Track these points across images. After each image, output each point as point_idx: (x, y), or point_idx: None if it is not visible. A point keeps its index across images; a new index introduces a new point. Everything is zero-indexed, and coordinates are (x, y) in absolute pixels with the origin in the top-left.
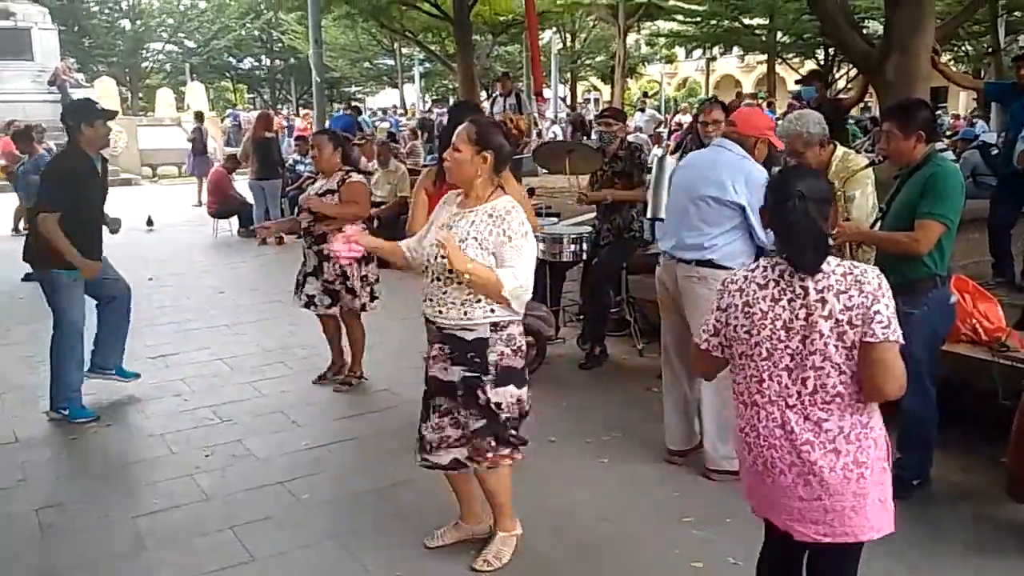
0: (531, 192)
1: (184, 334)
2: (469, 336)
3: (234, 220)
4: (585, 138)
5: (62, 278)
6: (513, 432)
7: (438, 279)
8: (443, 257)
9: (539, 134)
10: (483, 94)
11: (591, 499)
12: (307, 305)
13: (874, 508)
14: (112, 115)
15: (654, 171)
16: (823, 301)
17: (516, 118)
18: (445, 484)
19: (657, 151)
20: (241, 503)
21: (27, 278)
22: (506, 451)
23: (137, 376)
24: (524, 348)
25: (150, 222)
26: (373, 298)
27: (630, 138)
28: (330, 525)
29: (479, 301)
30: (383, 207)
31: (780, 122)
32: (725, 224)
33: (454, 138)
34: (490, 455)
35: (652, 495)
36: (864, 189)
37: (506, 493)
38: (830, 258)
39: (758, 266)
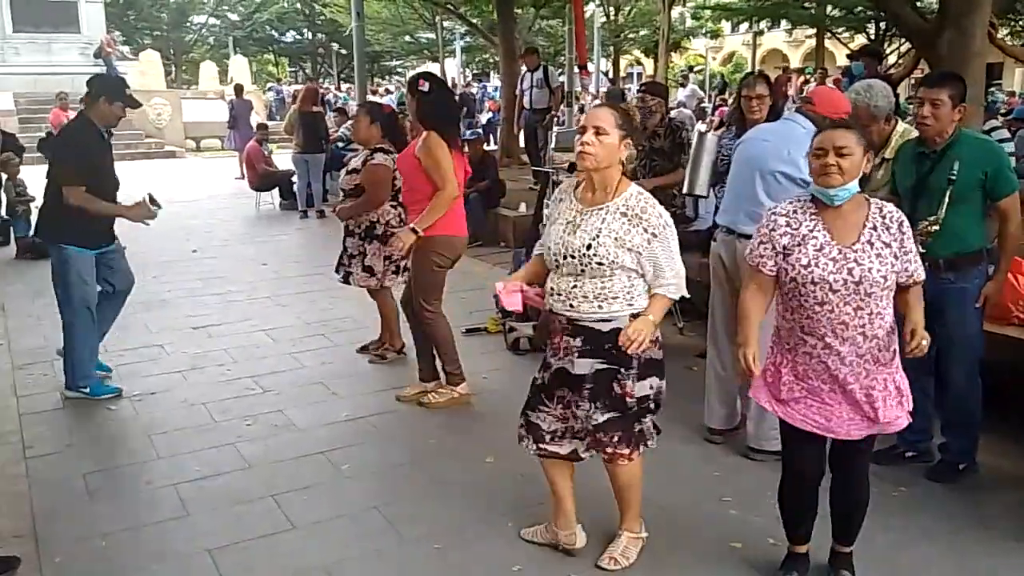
0: (572, 167)
1: (226, 305)
2: (606, 327)
3: (275, 193)
4: None
5: (72, 252)
6: (645, 425)
7: (569, 275)
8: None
9: (581, 109)
10: (523, 68)
11: None
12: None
13: None
14: (136, 105)
15: (694, 147)
16: None
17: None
18: (484, 457)
19: (701, 127)
20: (282, 472)
21: None
22: (626, 450)
23: (109, 371)
24: (660, 337)
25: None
26: (404, 271)
27: (673, 113)
28: (370, 495)
29: (616, 298)
30: None
31: (846, 92)
32: None
33: (593, 121)
34: (609, 450)
35: (691, 474)
36: None
37: (636, 490)
38: None
39: None
